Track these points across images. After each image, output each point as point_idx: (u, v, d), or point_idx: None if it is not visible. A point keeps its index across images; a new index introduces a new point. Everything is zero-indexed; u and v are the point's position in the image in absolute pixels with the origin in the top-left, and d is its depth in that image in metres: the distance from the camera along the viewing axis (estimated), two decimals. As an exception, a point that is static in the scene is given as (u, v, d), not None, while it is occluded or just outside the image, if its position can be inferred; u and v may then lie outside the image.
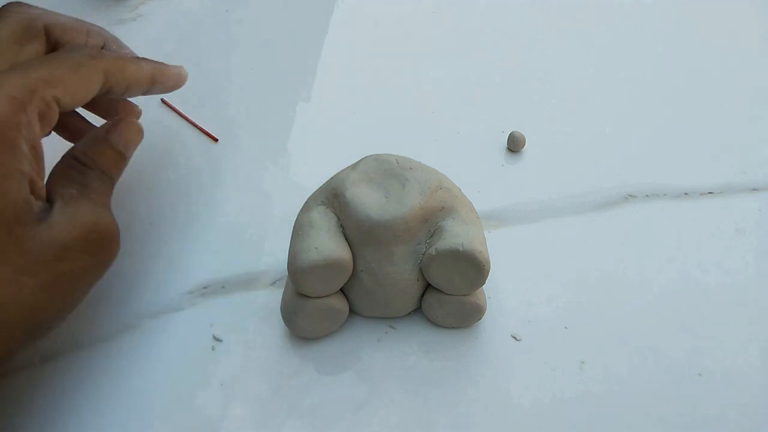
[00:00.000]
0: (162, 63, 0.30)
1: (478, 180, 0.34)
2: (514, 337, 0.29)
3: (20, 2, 0.27)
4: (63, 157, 0.26)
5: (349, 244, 0.27)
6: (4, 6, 0.27)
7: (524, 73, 0.40)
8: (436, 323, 0.29)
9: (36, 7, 0.27)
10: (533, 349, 0.29)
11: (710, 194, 0.35)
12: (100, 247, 0.24)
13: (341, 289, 0.28)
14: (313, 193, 0.28)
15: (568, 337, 0.29)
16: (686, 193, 0.35)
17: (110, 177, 0.27)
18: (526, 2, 0.45)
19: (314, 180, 0.30)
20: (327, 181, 0.28)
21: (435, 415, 0.27)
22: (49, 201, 0.24)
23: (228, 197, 0.34)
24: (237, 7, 0.46)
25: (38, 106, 0.23)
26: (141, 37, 0.45)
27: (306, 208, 0.28)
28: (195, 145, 0.36)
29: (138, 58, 0.28)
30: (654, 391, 0.27)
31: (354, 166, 0.28)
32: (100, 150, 0.27)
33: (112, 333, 0.29)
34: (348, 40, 0.43)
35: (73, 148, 0.27)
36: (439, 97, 0.39)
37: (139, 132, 0.29)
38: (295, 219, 0.28)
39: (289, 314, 0.27)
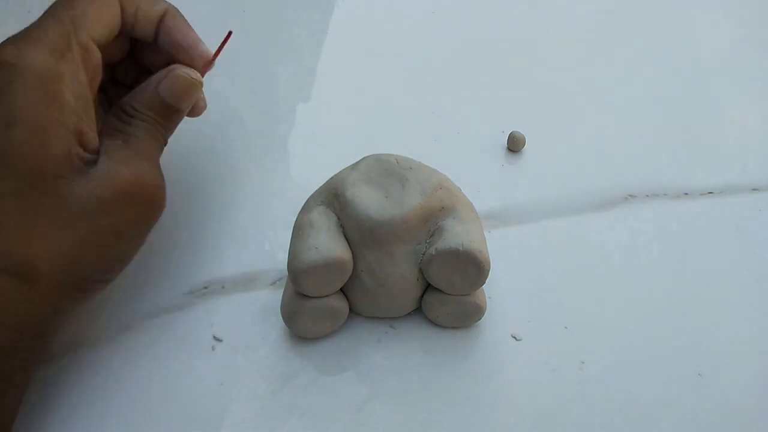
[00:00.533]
0: (183, 20, 0.28)
1: (478, 180, 0.34)
2: (514, 337, 0.29)
3: None
4: (112, 108, 0.26)
5: (349, 244, 0.27)
6: None
7: (524, 73, 0.40)
8: (436, 323, 0.29)
9: None
10: (533, 349, 0.29)
11: (710, 194, 0.35)
12: (142, 200, 0.24)
13: (341, 289, 0.27)
14: (313, 193, 0.28)
15: (568, 337, 0.29)
16: (686, 193, 0.35)
17: (159, 129, 0.26)
18: (526, 2, 0.45)
19: (314, 180, 0.30)
20: (327, 181, 0.28)
21: (435, 415, 0.27)
22: (99, 153, 0.24)
23: (228, 197, 0.34)
24: (236, 8, 0.46)
25: (78, 53, 0.23)
26: (141, 37, 0.45)
27: (306, 208, 0.28)
28: (194, 145, 0.36)
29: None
30: (654, 391, 0.27)
31: (354, 166, 0.28)
32: (149, 101, 0.26)
33: (112, 333, 0.29)
34: (348, 39, 0.43)
35: (121, 98, 0.26)
36: (439, 97, 0.39)
37: (192, 85, 0.27)
38: (295, 219, 0.28)
39: (289, 314, 0.27)
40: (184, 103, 0.27)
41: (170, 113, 0.27)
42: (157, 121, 0.26)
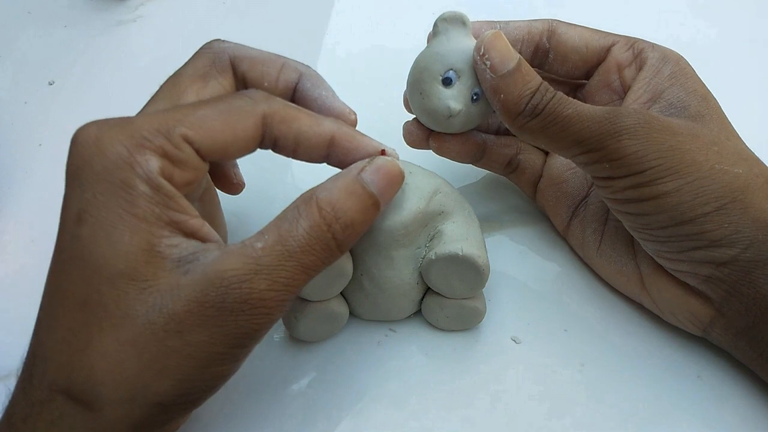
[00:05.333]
0: (354, 130, 0.24)
1: (477, 183, 0.34)
2: (514, 340, 0.29)
3: (219, 39, 0.25)
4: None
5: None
6: (205, 44, 0.25)
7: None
8: (436, 326, 0.29)
9: (228, 42, 0.25)
10: (533, 351, 0.29)
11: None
12: (225, 321, 0.19)
13: (341, 293, 0.28)
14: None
15: (568, 339, 0.29)
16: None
17: (329, 236, 0.21)
18: (525, 3, 0.45)
19: (314, 181, 0.30)
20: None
21: (435, 418, 0.27)
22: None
23: (227, 201, 0.34)
24: (237, 8, 0.46)
25: (160, 144, 0.20)
26: (141, 38, 0.45)
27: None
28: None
29: (320, 116, 0.24)
30: (654, 394, 0.27)
31: (353, 170, 0.28)
32: (339, 190, 0.21)
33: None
34: (347, 40, 0.43)
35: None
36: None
37: (401, 175, 0.23)
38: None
39: (290, 318, 0.27)
40: (386, 196, 0.23)
41: (369, 208, 0.22)
42: (349, 217, 0.21)
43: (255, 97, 0.22)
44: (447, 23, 0.26)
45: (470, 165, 0.33)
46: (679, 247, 0.25)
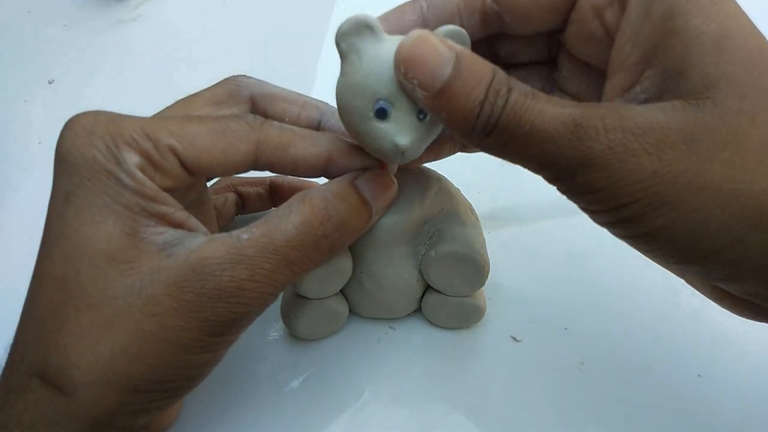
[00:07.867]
0: (351, 145, 0.23)
1: (477, 181, 0.34)
2: (514, 338, 0.29)
3: (244, 75, 0.25)
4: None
5: (348, 246, 0.26)
6: (229, 76, 0.25)
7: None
8: (435, 324, 0.29)
9: (252, 79, 0.26)
10: (533, 349, 0.29)
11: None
12: (202, 307, 0.19)
13: (341, 291, 0.27)
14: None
15: (568, 338, 0.29)
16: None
17: (320, 234, 0.21)
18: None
19: (314, 182, 0.30)
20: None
21: (435, 416, 0.27)
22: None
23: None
24: (237, 7, 0.46)
25: (145, 148, 0.20)
26: (140, 37, 0.45)
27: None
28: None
29: (319, 132, 0.23)
30: (654, 392, 0.27)
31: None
32: (332, 189, 0.22)
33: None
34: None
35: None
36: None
37: (393, 186, 0.24)
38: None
39: (289, 315, 0.27)
40: (379, 203, 0.23)
41: (363, 213, 0.23)
42: (345, 219, 0.22)
43: (252, 123, 0.22)
44: (350, 37, 0.20)
45: (471, 162, 0.33)
46: (699, 278, 0.21)
